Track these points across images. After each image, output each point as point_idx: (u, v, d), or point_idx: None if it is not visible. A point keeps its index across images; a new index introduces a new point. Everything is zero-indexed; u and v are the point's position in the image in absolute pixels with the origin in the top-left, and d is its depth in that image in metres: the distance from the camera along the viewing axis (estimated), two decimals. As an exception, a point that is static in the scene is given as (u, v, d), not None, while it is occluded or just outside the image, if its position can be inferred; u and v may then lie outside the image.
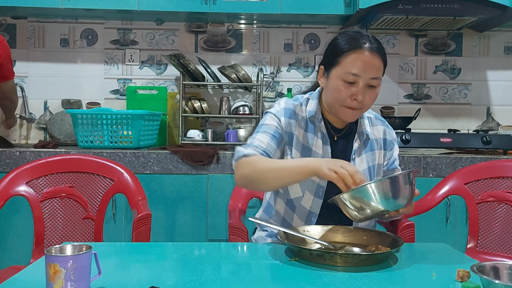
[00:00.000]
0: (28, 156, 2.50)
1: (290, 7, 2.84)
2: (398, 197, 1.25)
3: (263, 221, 1.46)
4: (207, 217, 2.57)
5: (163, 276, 1.13)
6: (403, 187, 1.25)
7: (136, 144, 2.61)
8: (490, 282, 0.95)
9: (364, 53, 1.43)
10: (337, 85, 1.46)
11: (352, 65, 1.44)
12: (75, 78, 3.20)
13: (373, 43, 1.46)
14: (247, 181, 1.46)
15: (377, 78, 1.45)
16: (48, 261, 0.97)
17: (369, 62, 1.43)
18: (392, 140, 1.64)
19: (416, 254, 1.30)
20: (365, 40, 1.45)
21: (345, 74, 1.44)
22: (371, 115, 1.65)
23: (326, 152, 1.53)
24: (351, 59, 1.44)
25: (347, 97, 1.45)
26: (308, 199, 1.53)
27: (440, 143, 2.68)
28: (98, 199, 1.89)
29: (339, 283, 1.08)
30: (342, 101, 1.46)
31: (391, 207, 1.25)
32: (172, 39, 3.21)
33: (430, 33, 3.25)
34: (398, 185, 1.25)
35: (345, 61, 1.45)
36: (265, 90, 3.18)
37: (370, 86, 1.45)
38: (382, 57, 1.47)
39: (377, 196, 1.22)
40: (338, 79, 1.46)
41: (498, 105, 3.27)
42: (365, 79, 1.44)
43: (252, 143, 1.49)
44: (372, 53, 1.44)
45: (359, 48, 1.44)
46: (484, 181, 1.96)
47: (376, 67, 1.45)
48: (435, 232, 2.54)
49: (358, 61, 1.43)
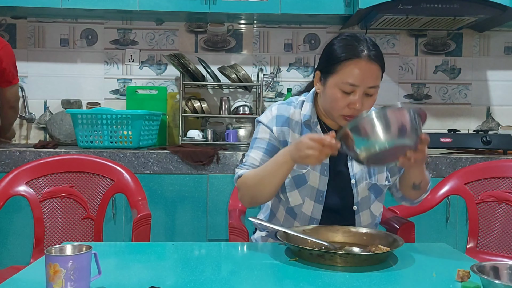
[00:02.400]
0: (28, 156, 2.50)
1: (290, 7, 2.84)
2: (400, 132, 1.22)
3: (263, 221, 1.46)
4: (207, 217, 2.57)
5: (163, 276, 1.13)
6: (406, 122, 1.22)
7: (136, 144, 2.61)
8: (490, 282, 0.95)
9: (362, 62, 1.39)
10: (334, 94, 1.43)
11: (349, 74, 1.40)
12: (75, 78, 3.20)
13: (371, 50, 1.41)
14: (248, 200, 1.52)
15: (375, 86, 1.42)
16: (48, 261, 0.97)
17: (367, 71, 1.40)
18: None
19: (416, 254, 1.30)
20: (362, 47, 1.41)
21: (343, 84, 1.41)
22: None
23: None
24: (348, 69, 1.40)
25: (345, 106, 1.42)
26: (309, 205, 1.53)
27: (440, 143, 2.68)
28: (98, 199, 1.89)
29: (339, 283, 1.08)
30: (339, 110, 1.44)
31: (395, 141, 1.22)
32: (172, 39, 3.21)
33: (430, 33, 3.25)
34: (400, 118, 1.22)
35: (342, 70, 1.41)
36: (265, 90, 3.18)
37: (367, 94, 1.42)
38: (380, 64, 1.43)
39: (378, 126, 1.20)
40: (335, 88, 1.42)
41: (498, 105, 3.27)
42: (363, 88, 1.40)
43: (246, 162, 1.54)
44: (370, 61, 1.40)
45: (357, 56, 1.40)
46: (484, 181, 1.96)
47: (374, 76, 1.41)
48: (435, 232, 2.54)
49: (355, 70, 1.39)
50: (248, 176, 1.48)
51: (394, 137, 1.23)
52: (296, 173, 1.52)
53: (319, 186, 1.52)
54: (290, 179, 1.53)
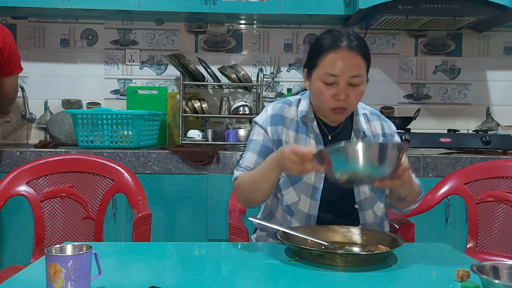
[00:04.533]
0: (28, 156, 2.50)
1: (290, 7, 2.84)
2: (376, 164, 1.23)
3: (263, 221, 1.46)
4: (207, 217, 2.57)
5: (163, 276, 1.13)
6: (384, 154, 1.22)
7: (136, 144, 2.61)
8: (489, 282, 0.95)
9: (341, 52, 1.41)
10: (319, 87, 1.45)
11: (330, 65, 1.42)
12: (75, 78, 3.20)
13: (353, 40, 1.43)
14: (244, 201, 1.57)
15: (358, 75, 1.43)
16: (48, 261, 0.97)
17: (347, 60, 1.41)
18: (391, 133, 1.62)
19: (416, 254, 1.31)
20: (343, 38, 1.42)
21: (324, 75, 1.43)
22: (366, 111, 1.62)
23: None
24: (328, 60, 1.42)
25: (330, 98, 1.44)
26: (305, 202, 1.53)
27: (439, 143, 2.68)
28: (98, 199, 1.89)
29: (339, 283, 1.08)
30: (326, 103, 1.46)
31: (369, 172, 1.23)
32: (172, 39, 3.21)
33: (429, 33, 3.25)
34: (378, 151, 1.23)
35: (323, 62, 1.43)
36: (265, 90, 3.18)
37: (352, 84, 1.43)
38: (362, 54, 1.43)
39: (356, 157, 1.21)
40: (319, 81, 1.45)
41: (498, 105, 3.28)
42: (345, 78, 1.42)
43: (242, 164, 1.57)
44: (350, 50, 1.41)
45: (336, 47, 1.42)
46: (483, 181, 1.96)
47: (355, 65, 1.42)
48: (435, 232, 2.54)
49: (335, 61, 1.41)
50: (242, 179, 1.52)
51: (368, 168, 1.23)
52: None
53: (314, 183, 1.52)
54: (284, 178, 1.54)
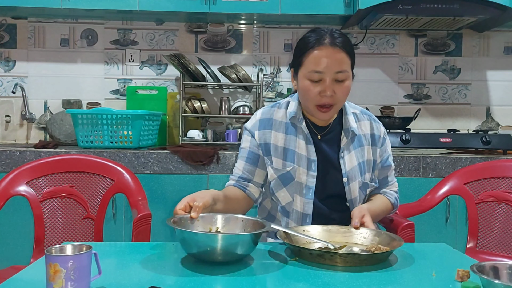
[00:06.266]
0: (28, 156, 2.50)
1: (290, 7, 2.84)
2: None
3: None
4: (207, 217, 2.57)
5: (163, 276, 1.13)
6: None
7: (136, 144, 2.61)
8: (489, 282, 0.95)
9: (323, 49, 1.43)
10: (305, 86, 1.47)
11: (314, 62, 1.44)
12: (75, 78, 3.20)
13: (336, 37, 1.45)
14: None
15: (343, 71, 1.44)
16: (48, 261, 0.97)
17: (330, 57, 1.43)
18: (381, 135, 1.62)
19: (416, 254, 1.31)
20: (326, 36, 1.45)
21: (310, 73, 1.45)
22: (357, 110, 1.63)
23: (310, 151, 1.53)
24: (312, 57, 1.44)
25: (316, 95, 1.46)
26: (299, 202, 1.53)
27: (439, 143, 2.68)
28: (98, 199, 1.89)
29: (339, 283, 1.08)
30: (312, 100, 1.47)
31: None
32: (172, 39, 3.21)
33: (429, 33, 3.25)
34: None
35: (308, 60, 1.45)
36: (265, 90, 3.18)
37: (338, 80, 1.45)
38: (346, 50, 1.45)
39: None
40: (305, 79, 1.47)
41: (498, 105, 3.28)
42: (330, 75, 1.43)
43: (233, 172, 1.61)
44: (333, 47, 1.43)
45: (320, 44, 1.44)
46: (483, 181, 1.96)
47: (339, 61, 1.44)
48: (435, 232, 2.54)
49: (319, 58, 1.43)
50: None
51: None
52: (280, 172, 1.53)
53: (307, 182, 1.52)
54: (276, 179, 1.55)
